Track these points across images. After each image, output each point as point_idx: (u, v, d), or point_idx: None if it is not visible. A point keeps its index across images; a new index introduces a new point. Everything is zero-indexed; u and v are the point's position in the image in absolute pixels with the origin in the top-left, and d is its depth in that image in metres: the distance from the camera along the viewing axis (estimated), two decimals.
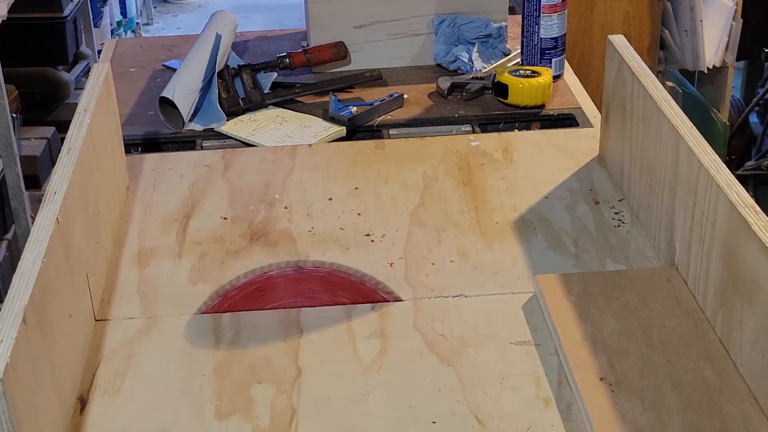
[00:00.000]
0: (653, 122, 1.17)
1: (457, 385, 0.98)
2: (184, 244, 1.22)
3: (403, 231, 1.24)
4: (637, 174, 1.24)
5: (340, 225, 1.25)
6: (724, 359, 0.97)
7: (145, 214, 1.29)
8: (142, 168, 1.40)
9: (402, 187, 1.33)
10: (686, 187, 1.08)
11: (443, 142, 1.47)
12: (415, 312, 1.09)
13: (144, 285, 1.15)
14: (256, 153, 1.46)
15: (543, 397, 0.97)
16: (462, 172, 1.37)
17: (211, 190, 1.34)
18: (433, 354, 1.03)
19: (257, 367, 1.01)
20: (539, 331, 1.05)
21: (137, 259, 1.20)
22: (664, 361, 0.97)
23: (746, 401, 0.92)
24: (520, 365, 1.01)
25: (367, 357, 1.03)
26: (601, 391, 0.94)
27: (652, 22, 2.58)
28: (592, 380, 0.95)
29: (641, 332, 1.01)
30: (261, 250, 1.21)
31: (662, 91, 1.18)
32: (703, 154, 1.05)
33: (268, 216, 1.28)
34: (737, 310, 0.96)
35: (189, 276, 1.16)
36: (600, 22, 2.42)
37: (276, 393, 0.98)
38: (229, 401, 0.97)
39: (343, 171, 1.39)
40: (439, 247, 1.20)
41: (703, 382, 0.94)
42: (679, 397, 0.93)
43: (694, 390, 0.93)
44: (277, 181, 1.36)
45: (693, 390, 0.93)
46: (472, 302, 1.10)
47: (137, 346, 1.05)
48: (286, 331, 1.07)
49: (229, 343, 1.05)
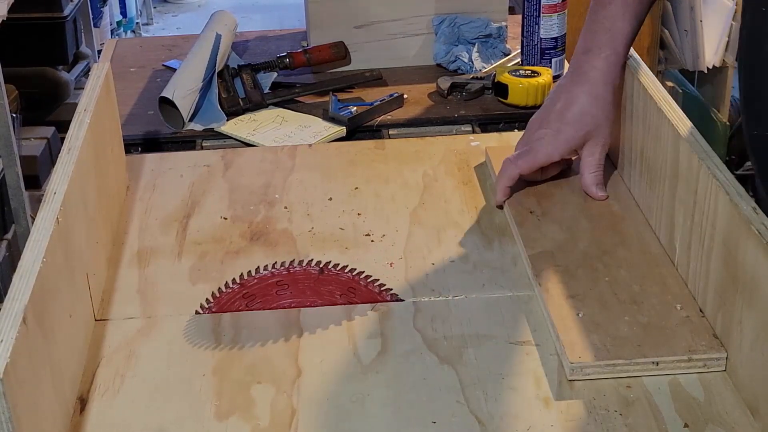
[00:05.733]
0: (653, 122, 1.17)
1: (457, 385, 0.98)
2: (184, 244, 1.22)
3: (403, 231, 1.24)
4: (636, 174, 1.24)
5: (340, 225, 1.25)
6: (628, 198, 1.24)
7: (145, 213, 1.29)
8: (142, 168, 1.40)
9: (402, 187, 1.33)
10: (686, 188, 1.08)
11: (443, 142, 1.47)
12: (416, 312, 1.09)
13: (144, 285, 1.15)
14: (256, 153, 1.46)
15: (543, 397, 0.97)
16: (462, 172, 1.37)
17: (211, 190, 1.34)
18: (433, 354, 1.03)
19: (257, 367, 1.01)
20: (539, 331, 1.05)
21: (137, 259, 1.20)
22: (581, 201, 1.24)
23: (642, 225, 1.19)
24: (520, 365, 1.01)
25: (367, 357, 1.03)
26: (530, 219, 1.21)
27: (652, 22, 2.58)
28: (524, 212, 1.23)
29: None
30: (260, 250, 1.20)
31: (662, 91, 1.18)
32: (702, 154, 1.05)
33: (268, 216, 1.28)
34: (737, 310, 0.96)
35: (189, 276, 1.16)
36: None
37: (276, 393, 0.98)
38: (229, 401, 0.97)
39: (343, 171, 1.39)
40: (439, 247, 1.20)
41: (611, 213, 1.21)
42: (590, 223, 1.19)
43: (602, 218, 1.21)
44: (277, 181, 1.36)
45: (601, 218, 1.21)
46: (472, 302, 1.10)
47: (137, 346, 1.05)
48: (286, 331, 1.07)
49: (229, 343, 1.05)
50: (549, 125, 1.23)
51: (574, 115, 1.21)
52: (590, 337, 1.01)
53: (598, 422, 0.93)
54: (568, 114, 1.22)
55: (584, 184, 1.23)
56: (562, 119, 1.22)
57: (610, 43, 1.21)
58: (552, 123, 1.23)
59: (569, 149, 1.23)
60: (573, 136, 1.22)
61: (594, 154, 1.23)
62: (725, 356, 0.98)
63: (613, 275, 1.10)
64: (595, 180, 1.23)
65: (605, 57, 1.21)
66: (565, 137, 1.22)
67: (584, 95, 1.21)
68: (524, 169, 1.24)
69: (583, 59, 1.23)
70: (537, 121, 1.25)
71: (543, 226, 1.20)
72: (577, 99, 1.22)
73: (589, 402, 0.96)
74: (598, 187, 1.23)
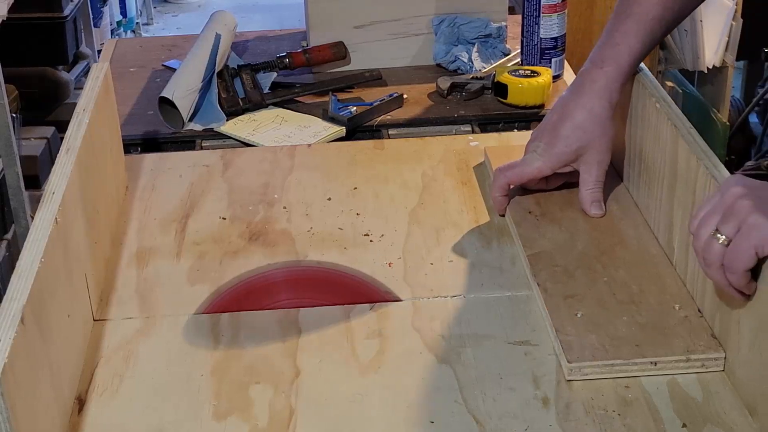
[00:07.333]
0: (651, 122, 1.17)
1: (455, 385, 0.98)
2: (183, 244, 1.22)
3: (402, 231, 1.24)
4: (635, 174, 1.24)
5: (339, 225, 1.25)
6: (627, 198, 1.24)
7: (143, 214, 1.29)
8: (141, 168, 1.40)
9: (401, 187, 1.33)
10: (684, 188, 1.08)
11: (442, 142, 1.47)
12: (414, 312, 1.09)
13: (142, 285, 1.15)
14: (256, 153, 1.46)
15: (541, 398, 0.97)
16: (461, 172, 1.37)
17: (210, 190, 1.34)
18: (432, 354, 1.03)
19: (255, 367, 1.01)
20: (537, 331, 1.05)
21: (136, 260, 1.20)
22: (577, 199, 1.23)
23: (641, 226, 1.19)
24: (518, 365, 1.01)
25: (365, 357, 1.03)
26: (529, 219, 1.21)
27: None
28: (523, 213, 1.23)
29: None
30: (259, 250, 1.21)
31: (661, 91, 1.18)
32: (701, 154, 1.05)
33: (267, 216, 1.28)
34: (735, 310, 0.96)
35: (187, 276, 1.16)
36: (600, 22, 2.42)
37: (274, 393, 0.98)
38: (228, 401, 0.97)
39: (342, 171, 1.39)
40: (438, 247, 1.20)
41: (609, 213, 1.21)
42: (588, 224, 1.19)
43: (600, 218, 1.21)
44: (276, 181, 1.36)
45: (599, 218, 1.21)
46: (470, 302, 1.10)
47: (135, 346, 1.05)
48: (284, 332, 1.07)
49: (227, 344, 1.05)
50: (543, 138, 1.21)
51: (567, 130, 1.19)
52: (588, 337, 1.01)
53: (596, 422, 0.93)
54: (562, 128, 1.20)
55: (581, 201, 1.21)
56: (556, 133, 1.20)
57: (614, 58, 1.18)
58: (546, 136, 1.21)
59: (561, 163, 1.21)
60: (564, 151, 1.20)
61: (591, 171, 1.20)
62: (723, 356, 0.98)
63: (611, 275, 1.10)
64: (592, 197, 1.21)
65: (606, 72, 1.18)
66: (557, 151, 1.20)
67: (579, 109, 1.19)
68: (514, 180, 1.23)
69: (586, 72, 1.21)
70: (536, 131, 1.24)
71: (542, 227, 1.20)
72: (572, 113, 1.19)
73: (587, 402, 0.96)
74: (594, 204, 1.21)
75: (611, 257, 1.14)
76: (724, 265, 0.89)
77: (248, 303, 1.12)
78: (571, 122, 1.19)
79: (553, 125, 1.21)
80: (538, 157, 1.21)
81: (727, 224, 0.89)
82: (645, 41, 1.19)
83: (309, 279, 1.16)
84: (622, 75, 1.19)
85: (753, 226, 0.87)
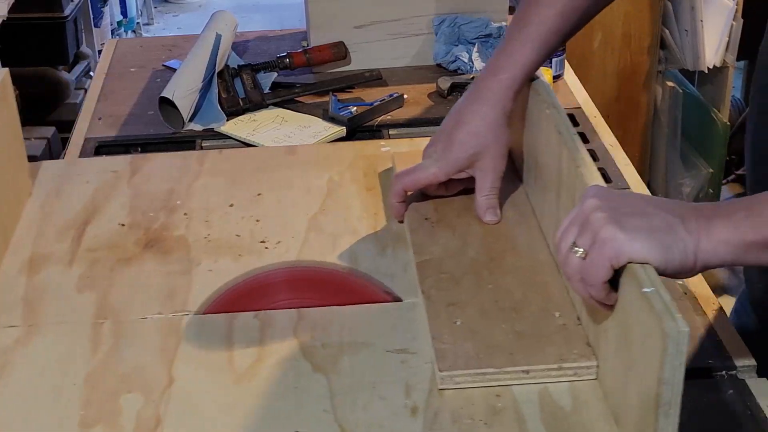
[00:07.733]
0: (543, 128, 1.17)
1: (327, 394, 0.97)
2: (77, 252, 1.21)
3: (299, 237, 1.23)
4: (532, 179, 1.24)
5: (237, 231, 1.25)
6: (525, 204, 1.24)
7: (43, 221, 1.28)
8: (48, 174, 1.39)
9: (305, 193, 1.32)
10: (567, 194, 1.07)
11: (353, 147, 1.46)
12: (298, 320, 1.08)
13: (30, 293, 1.14)
14: (165, 159, 1.45)
15: (411, 407, 0.96)
16: (368, 178, 1.36)
17: (114, 196, 1.33)
18: (308, 362, 1.02)
19: (130, 376, 1.01)
20: (418, 339, 1.05)
21: (28, 267, 1.19)
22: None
23: (534, 231, 1.18)
24: (393, 374, 1.00)
25: (242, 365, 1.02)
26: (425, 226, 1.21)
27: (652, 22, 2.58)
28: (419, 219, 1.22)
29: None
30: (153, 258, 1.20)
31: (553, 98, 1.18)
32: (580, 161, 1.04)
33: (166, 222, 1.27)
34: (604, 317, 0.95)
35: (77, 283, 1.16)
36: (600, 21, 2.42)
37: (144, 402, 0.97)
38: (96, 411, 0.96)
39: (248, 177, 1.37)
40: (333, 253, 1.20)
41: (505, 219, 1.21)
42: (483, 230, 1.19)
43: (496, 224, 1.20)
44: (182, 187, 1.35)
45: (495, 224, 1.20)
46: (355, 310, 1.10)
47: (13, 355, 1.04)
48: (164, 340, 1.06)
49: (106, 352, 1.04)
50: (439, 143, 1.21)
51: (462, 136, 1.19)
52: (464, 346, 1.00)
53: None
54: (457, 134, 1.19)
55: (476, 207, 1.21)
56: (451, 139, 1.19)
57: (509, 68, 1.18)
58: (441, 141, 1.21)
59: (456, 169, 1.20)
60: (459, 157, 1.19)
61: (486, 177, 1.19)
62: (596, 365, 0.98)
63: (497, 282, 1.10)
64: (487, 204, 1.20)
65: (500, 80, 1.18)
66: (452, 157, 1.19)
67: (474, 116, 1.18)
68: (409, 186, 1.22)
69: (481, 79, 1.21)
70: (434, 137, 1.23)
71: (436, 233, 1.19)
72: (467, 120, 1.19)
73: (456, 411, 0.95)
74: (489, 211, 1.20)
75: (500, 264, 1.13)
76: (582, 278, 0.89)
77: (250, 303, 1.12)
78: (466, 128, 1.19)
79: (449, 131, 1.20)
80: (433, 162, 1.21)
81: (583, 237, 0.88)
82: (541, 51, 1.19)
83: (309, 279, 1.17)
84: (516, 84, 1.19)
85: (605, 239, 0.86)
